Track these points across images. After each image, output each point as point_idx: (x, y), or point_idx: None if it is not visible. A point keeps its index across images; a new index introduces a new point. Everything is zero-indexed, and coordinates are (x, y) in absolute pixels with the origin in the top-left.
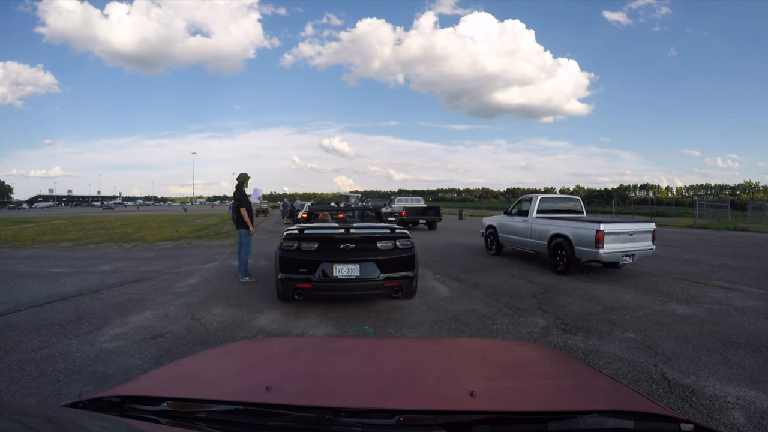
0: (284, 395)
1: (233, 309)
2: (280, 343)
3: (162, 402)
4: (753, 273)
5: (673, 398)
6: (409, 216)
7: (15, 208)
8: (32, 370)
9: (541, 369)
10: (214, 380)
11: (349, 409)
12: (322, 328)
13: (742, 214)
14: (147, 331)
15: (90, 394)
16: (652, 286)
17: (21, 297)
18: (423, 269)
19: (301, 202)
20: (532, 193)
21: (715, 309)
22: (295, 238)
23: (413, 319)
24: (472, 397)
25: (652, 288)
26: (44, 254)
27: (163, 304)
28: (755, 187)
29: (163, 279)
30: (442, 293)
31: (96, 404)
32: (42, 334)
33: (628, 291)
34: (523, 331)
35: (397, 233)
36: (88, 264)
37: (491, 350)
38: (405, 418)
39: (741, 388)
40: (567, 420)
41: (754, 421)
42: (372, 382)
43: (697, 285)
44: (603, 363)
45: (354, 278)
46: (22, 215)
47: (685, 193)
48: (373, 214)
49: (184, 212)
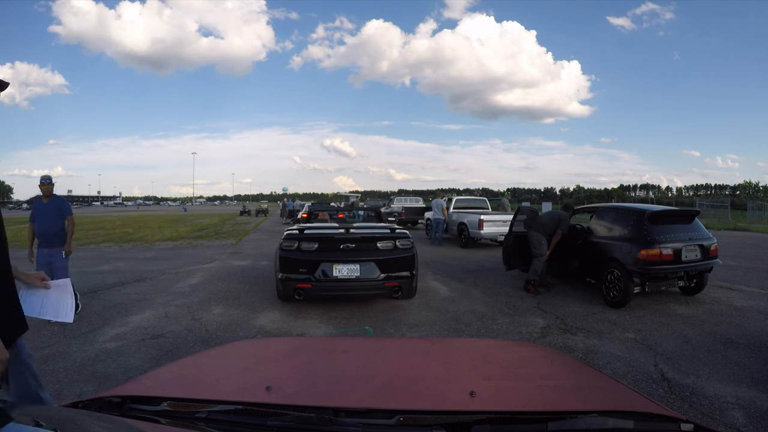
0: (284, 395)
1: (233, 309)
2: (280, 343)
3: (162, 402)
4: (753, 273)
5: (673, 398)
6: (409, 216)
7: (15, 208)
8: None
9: (541, 369)
10: (214, 380)
11: (349, 409)
12: (322, 328)
13: (742, 214)
14: (147, 331)
15: (90, 394)
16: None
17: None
18: (423, 269)
19: (301, 202)
20: (532, 192)
21: (715, 309)
22: (295, 238)
23: (413, 319)
24: (472, 397)
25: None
26: None
27: (163, 304)
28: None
29: (163, 279)
30: (442, 293)
31: (96, 404)
32: (42, 334)
33: None
34: (523, 331)
35: (397, 233)
36: (88, 264)
37: (491, 350)
38: (405, 418)
39: (741, 388)
40: (567, 420)
41: (754, 421)
42: (372, 382)
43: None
44: (603, 363)
45: (354, 278)
46: (22, 215)
47: (685, 193)
48: (374, 214)
49: (184, 212)
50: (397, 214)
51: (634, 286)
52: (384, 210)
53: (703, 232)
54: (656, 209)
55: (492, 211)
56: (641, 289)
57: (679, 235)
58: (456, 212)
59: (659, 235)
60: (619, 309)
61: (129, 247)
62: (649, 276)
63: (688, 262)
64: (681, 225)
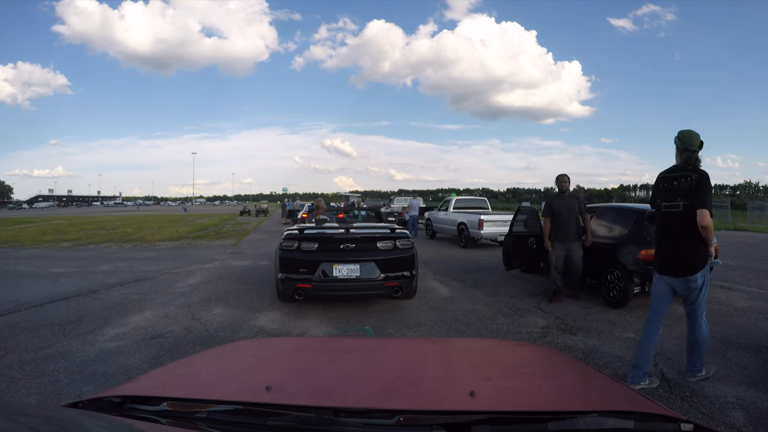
0: (284, 395)
1: (233, 309)
2: (280, 343)
3: (162, 402)
4: (753, 273)
5: (673, 398)
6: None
7: (15, 208)
8: (32, 370)
9: (541, 369)
10: (214, 380)
11: (349, 409)
12: (322, 328)
13: (742, 214)
14: (147, 331)
15: (90, 394)
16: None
17: (21, 297)
18: (423, 269)
19: (301, 202)
20: (532, 192)
21: (715, 309)
22: (295, 238)
23: (413, 319)
24: (472, 397)
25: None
26: (44, 254)
27: (163, 304)
28: (755, 187)
29: (163, 279)
30: (442, 293)
31: (96, 404)
32: (42, 334)
33: None
34: (523, 331)
35: (397, 233)
36: (88, 264)
37: (491, 350)
38: (405, 418)
39: (741, 388)
40: (567, 420)
41: (754, 421)
42: (372, 382)
43: None
44: (603, 363)
45: (354, 278)
46: (22, 215)
47: None
48: (374, 214)
49: (184, 212)
50: (397, 214)
51: (634, 286)
52: (384, 210)
53: None
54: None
55: (492, 211)
56: (641, 289)
57: None
58: (455, 212)
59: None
60: (619, 309)
61: (129, 247)
62: (649, 276)
63: None
64: None
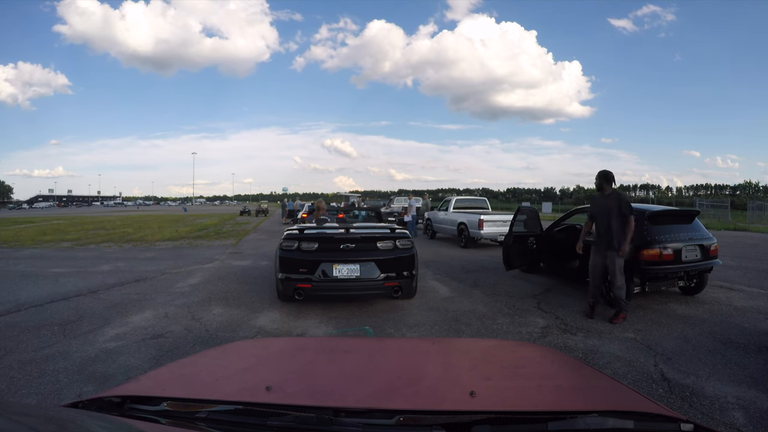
0: (284, 395)
1: (233, 309)
2: (280, 343)
3: (162, 402)
4: (753, 273)
5: (673, 398)
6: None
7: (15, 208)
8: (32, 370)
9: (541, 369)
10: (214, 380)
11: (349, 409)
12: (322, 328)
13: (742, 214)
14: (147, 331)
15: (90, 394)
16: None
17: (21, 297)
18: (423, 269)
19: (301, 202)
20: (532, 193)
21: (715, 309)
22: (295, 238)
23: (413, 319)
24: (472, 397)
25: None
26: (44, 254)
27: (163, 304)
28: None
29: (163, 279)
30: (442, 293)
31: (96, 404)
32: (42, 334)
33: None
34: (523, 331)
35: (397, 233)
36: (88, 264)
37: (491, 350)
38: (405, 418)
39: (741, 388)
40: (567, 420)
41: (754, 421)
42: (372, 382)
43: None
44: (603, 363)
45: (354, 278)
46: (22, 215)
47: (685, 193)
48: (374, 214)
49: (184, 212)
50: (397, 214)
51: (634, 286)
52: (384, 210)
53: (703, 232)
54: (656, 209)
55: (492, 211)
56: (641, 289)
57: (679, 235)
58: (455, 212)
59: (659, 235)
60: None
61: (129, 247)
62: (649, 276)
63: (688, 262)
64: (681, 225)
